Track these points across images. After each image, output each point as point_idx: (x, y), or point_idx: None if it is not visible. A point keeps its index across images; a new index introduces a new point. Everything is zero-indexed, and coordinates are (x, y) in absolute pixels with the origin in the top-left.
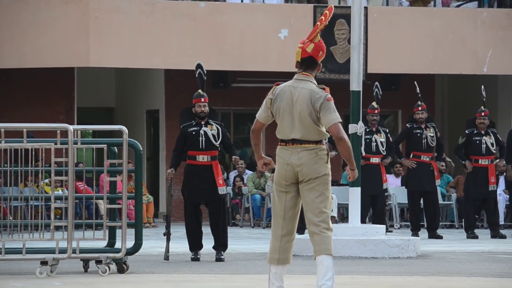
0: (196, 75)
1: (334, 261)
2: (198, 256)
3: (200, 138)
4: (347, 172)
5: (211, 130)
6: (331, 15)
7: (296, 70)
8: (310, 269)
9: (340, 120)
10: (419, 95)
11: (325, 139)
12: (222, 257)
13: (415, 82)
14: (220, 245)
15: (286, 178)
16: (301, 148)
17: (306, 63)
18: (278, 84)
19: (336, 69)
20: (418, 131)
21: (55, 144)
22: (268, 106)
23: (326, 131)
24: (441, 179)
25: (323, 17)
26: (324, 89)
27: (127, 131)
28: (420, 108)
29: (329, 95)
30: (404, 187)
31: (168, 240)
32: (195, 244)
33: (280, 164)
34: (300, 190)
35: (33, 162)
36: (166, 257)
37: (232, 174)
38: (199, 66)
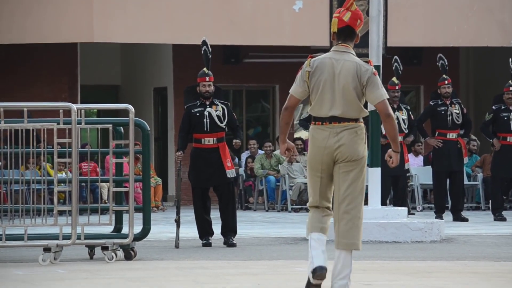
0: (202, 52)
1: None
2: (210, 241)
3: (205, 120)
4: (390, 156)
5: (216, 110)
6: None
7: (301, 47)
8: (328, 254)
9: (388, 97)
10: (446, 67)
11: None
12: (234, 242)
13: (440, 55)
14: (229, 230)
15: (323, 162)
16: (341, 127)
17: (344, 33)
18: (313, 56)
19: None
20: (443, 108)
21: (58, 124)
22: (305, 79)
23: (365, 107)
24: (469, 159)
25: None
26: (368, 62)
27: (133, 110)
28: (446, 82)
29: (375, 69)
30: (425, 167)
31: (178, 226)
32: (204, 231)
33: (315, 147)
34: (335, 170)
35: (35, 143)
36: (177, 245)
37: (244, 155)
38: (204, 42)
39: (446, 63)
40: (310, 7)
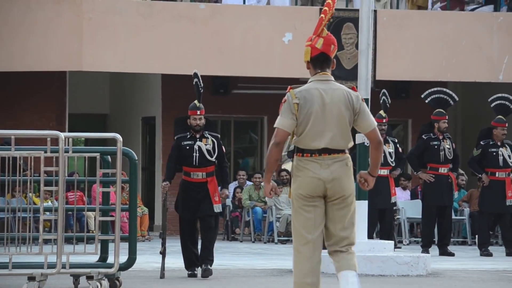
0: (194, 84)
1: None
2: (196, 272)
3: (194, 154)
4: (364, 179)
5: (205, 144)
6: (334, 5)
7: (290, 78)
8: None
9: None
10: (450, 102)
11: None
12: (210, 268)
13: (439, 88)
14: (206, 260)
15: (316, 192)
16: (331, 160)
17: (319, 61)
18: (292, 88)
19: (343, 75)
20: (436, 142)
21: (45, 152)
22: (293, 112)
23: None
24: (458, 193)
25: (326, 8)
26: (353, 88)
27: (121, 139)
28: (446, 117)
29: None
30: (412, 200)
31: (163, 257)
32: (191, 262)
33: (308, 177)
34: (329, 207)
35: (21, 171)
36: (162, 275)
37: (232, 185)
38: (195, 75)
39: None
40: (299, 39)
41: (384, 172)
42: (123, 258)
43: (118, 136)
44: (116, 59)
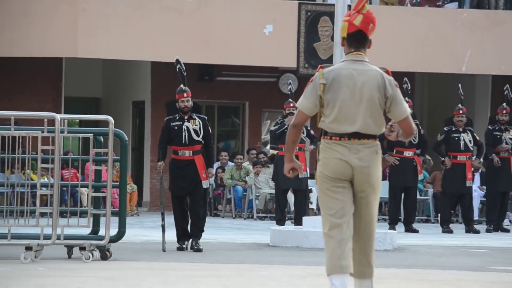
0: (177, 70)
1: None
2: (184, 246)
3: (183, 133)
4: (392, 129)
5: (193, 125)
6: None
7: (270, 67)
8: (289, 260)
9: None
10: (409, 91)
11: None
12: (200, 247)
13: (405, 79)
14: (198, 231)
15: (344, 175)
16: (361, 145)
17: (355, 38)
18: (323, 67)
19: (319, 64)
20: None
21: (42, 132)
22: (319, 93)
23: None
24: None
25: None
26: (387, 71)
27: (113, 121)
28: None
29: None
30: (383, 181)
31: (163, 231)
32: (182, 234)
33: (335, 159)
34: (355, 193)
35: (20, 149)
36: (164, 248)
37: (215, 165)
38: (177, 61)
39: (409, 87)
40: (279, 31)
41: None
42: (114, 231)
43: (110, 118)
44: (108, 47)
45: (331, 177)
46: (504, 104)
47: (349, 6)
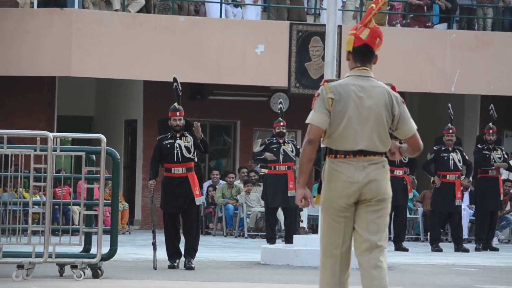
0: (173, 88)
1: None
2: (175, 264)
3: (175, 151)
4: (394, 151)
5: (185, 142)
6: None
7: (262, 86)
8: (279, 278)
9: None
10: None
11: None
12: (192, 265)
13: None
14: (191, 249)
15: (349, 199)
16: (367, 162)
17: (361, 53)
18: (327, 81)
19: (310, 84)
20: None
21: (35, 150)
22: (327, 108)
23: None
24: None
25: None
26: (393, 87)
27: (105, 140)
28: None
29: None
30: None
31: (155, 249)
32: (174, 252)
33: (340, 181)
34: (361, 210)
35: (12, 168)
36: (155, 266)
37: (206, 184)
38: (175, 80)
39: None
40: (271, 51)
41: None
42: (105, 249)
43: (102, 137)
44: (102, 66)
45: (336, 205)
46: (490, 124)
47: (340, 27)
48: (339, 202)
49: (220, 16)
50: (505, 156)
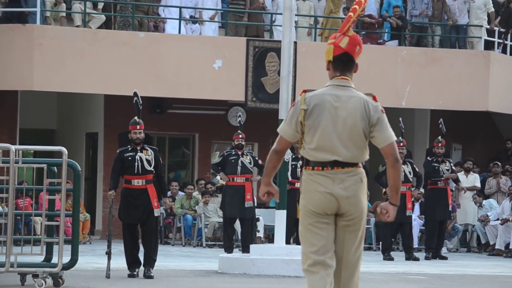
0: (134, 102)
1: None
2: (135, 273)
3: (136, 164)
4: (386, 209)
5: (145, 155)
6: (366, 4)
7: (219, 100)
8: (236, 286)
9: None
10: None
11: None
12: (152, 274)
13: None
14: (150, 258)
15: (330, 209)
16: (344, 174)
17: (341, 62)
18: (306, 91)
19: (266, 98)
20: None
21: None
22: (300, 119)
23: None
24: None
25: (356, 6)
26: (373, 97)
27: (66, 152)
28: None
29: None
30: None
31: (109, 258)
32: (133, 261)
33: (318, 192)
34: (339, 226)
35: None
36: (108, 275)
37: None
38: (135, 94)
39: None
40: (228, 66)
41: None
42: (66, 258)
43: (63, 149)
44: (63, 80)
45: (315, 212)
46: (439, 137)
47: (295, 43)
48: (319, 209)
49: (179, 32)
50: (453, 168)
